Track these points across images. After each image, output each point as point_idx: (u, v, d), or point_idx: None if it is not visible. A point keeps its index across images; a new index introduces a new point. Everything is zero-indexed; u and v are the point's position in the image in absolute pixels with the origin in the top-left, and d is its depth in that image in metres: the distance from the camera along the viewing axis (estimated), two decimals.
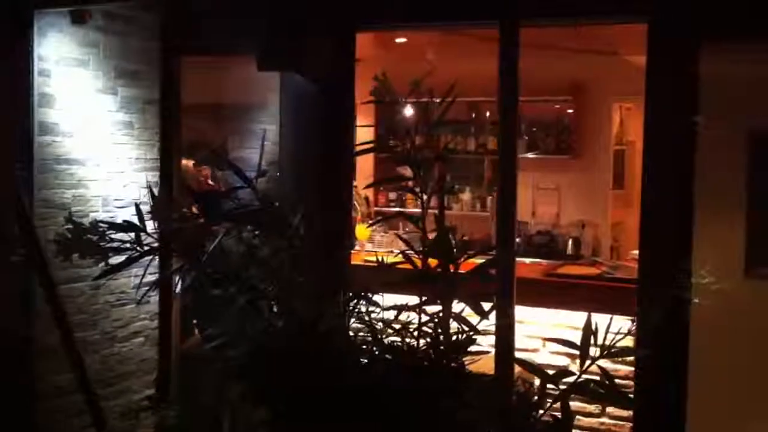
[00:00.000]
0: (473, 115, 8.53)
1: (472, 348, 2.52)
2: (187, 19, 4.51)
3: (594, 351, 2.40)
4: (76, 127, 4.10)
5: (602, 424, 5.02)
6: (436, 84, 2.50)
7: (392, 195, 8.91)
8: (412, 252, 2.62)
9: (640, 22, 3.69)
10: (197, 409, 3.05)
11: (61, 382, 3.95)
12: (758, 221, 4.03)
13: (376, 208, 8.92)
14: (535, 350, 5.07)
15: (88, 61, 4.15)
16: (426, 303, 2.58)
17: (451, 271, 2.63)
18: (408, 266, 2.53)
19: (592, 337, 2.43)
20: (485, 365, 3.32)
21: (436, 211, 2.93)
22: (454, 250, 2.74)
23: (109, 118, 4.30)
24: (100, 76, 4.23)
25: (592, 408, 5.02)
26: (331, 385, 2.35)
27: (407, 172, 8.08)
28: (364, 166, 8.91)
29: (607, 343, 2.45)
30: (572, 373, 2.40)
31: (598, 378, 2.38)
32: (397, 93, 2.72)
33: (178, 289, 3.94)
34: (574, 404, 4.77)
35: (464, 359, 2.51)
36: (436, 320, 2.58)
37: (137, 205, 2.57)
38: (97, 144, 4.21)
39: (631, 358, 3.98)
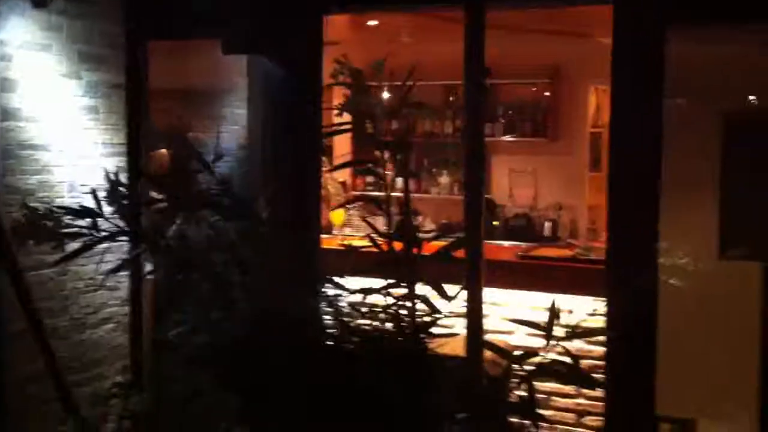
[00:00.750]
0: (451, 98, 8.51)
1: (438, 330, 2.53)
2: (153, 3, 4.47)
3: (562, 332, 2.42)
4: (39, 112, 4.05)
5: (578, 404, 5.04)
6: (412, 67, 2.49)
7: (369, 179, 8.87)
8: (377, 236, 2.63)
9: (605, 3, 3.68)
10: (163, 397, 3.03)
11: (30, 369, 3.91)
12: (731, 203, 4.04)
13: (354, 193, 8.88)
14: (510, 332, 5.07)
15: (51, 46, 4.09)
16: (391, 286, 2.58)
17: (414, 253, 2.63)
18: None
19: (560, 318, 2.46)
20: (458, 348, 3.32)
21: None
22: (417, 233, 2.74)
23: (73, 103, 4.24)
24: (63, 60, 4.17)
25: (569, 389, 5.05)
26: (294, 371, 2.35)
27: (386, 155, 7.92)
28: (342, 149, 8.88)
29: (575, 323, 2.48)
30: (539, 354, 2.41)
31: (568, 359, 2.38)
32: (366, 76, 2.72)
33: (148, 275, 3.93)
34: (551, 385, 4.80)
35: (431, 342, 2.52)
36: (400, 304, 2.59)
37: (93, 191, 2.54)
38: (62, 129, 4.16)
39: (603, 339, 4.00)
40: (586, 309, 4.53)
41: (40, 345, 3.74)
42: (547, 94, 8.10)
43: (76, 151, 4.22)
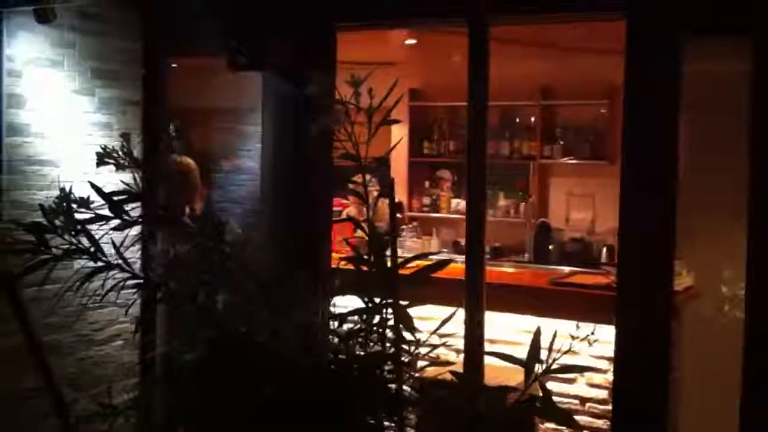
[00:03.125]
0: (517, 120, 8.35)
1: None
2: (171, 20, 4.48)
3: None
4: (48, 127, 4.08)
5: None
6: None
7: (426, 200, 8.77)
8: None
9: (616, 18, 3.50)
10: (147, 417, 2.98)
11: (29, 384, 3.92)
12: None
13: (410, 213, 8.80)
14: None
15: (62, 62, 4.13)
16: (369, 310, 2.48)
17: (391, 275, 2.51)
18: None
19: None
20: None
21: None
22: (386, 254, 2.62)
23: (85, 119, 4.27)
24: (75, 76, 4.21)
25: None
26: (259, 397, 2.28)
27: (446, 175, 7.92)
28: (399, 170, 8.83)
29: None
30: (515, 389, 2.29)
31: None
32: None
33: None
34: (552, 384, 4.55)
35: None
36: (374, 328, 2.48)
37: (41, 206, 2.50)
38: (72, 145, 4.19)
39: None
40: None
41: (37, 360, 3.73)
42: (603, 111, 7.83)
43: (86, 166, 4.24)
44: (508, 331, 5.15)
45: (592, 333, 2.59)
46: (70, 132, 4.20)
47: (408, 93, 8.62)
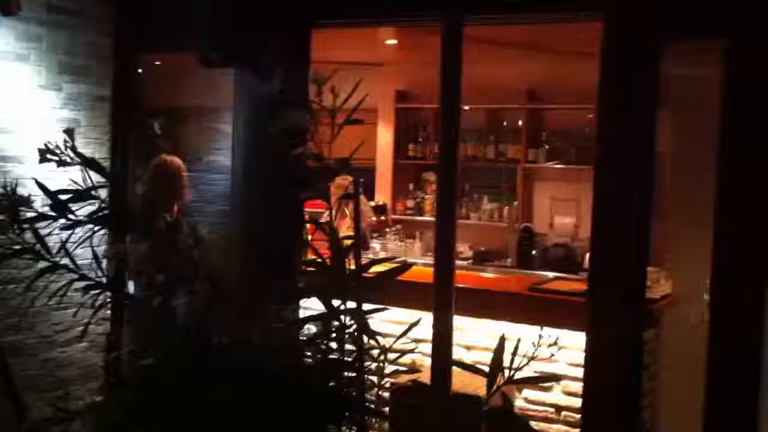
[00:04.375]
0: (505, 123, 8.27)
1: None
2: (143, 15, 4.39)
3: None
4: (12, 123, 3.98)
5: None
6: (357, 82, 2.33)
7: (410, 203, 8.69)
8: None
9: (593, 21, 3.42)
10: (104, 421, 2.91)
11: None
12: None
13: (394, 216, 8.71)
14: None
15: (28, 56, 4.03)
16: (330, 314, 2.41)
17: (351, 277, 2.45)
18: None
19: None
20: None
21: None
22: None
23: (52, 115, 4.17)
24: (42, 71, 4.11)
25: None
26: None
27: (431, 178, 7.85)
28: (385, 172, 8.75)
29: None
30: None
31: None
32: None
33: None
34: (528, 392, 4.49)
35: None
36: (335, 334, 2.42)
37: None
38: (37, 141, 4.07)
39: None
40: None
41: None
42: (590, 116, 7.74)
43: (52, 163, 4.14)
44: (486, 336, 5.08)
45: (557, 340, 2.53)
46: (36, 128, 4.10)
47: (395, 94, 8.55)
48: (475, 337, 5.11)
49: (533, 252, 7.69)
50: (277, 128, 2.68)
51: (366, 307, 2.28)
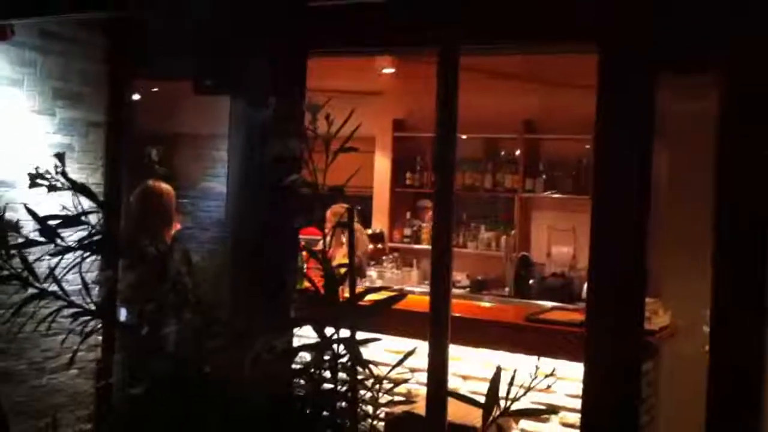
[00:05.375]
0: (503, 153, 8.27)
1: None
2: (138, 42, 4.38)
3: None
4: (5, 147, 3.95)
5: None
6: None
7: (407, 231, 8.66)
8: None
9: (589, 53, 3.40)
10: None
11: None
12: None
13: (391, 244, 8.68)
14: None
15: (22, 81, 4.01)
16: (323, 344, 2.37)
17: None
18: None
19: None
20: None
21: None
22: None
23: (45, 140, 4.15)
24: (35, 96, 4.09)
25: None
26: None
27: (428, 205, 7.80)
28: (382, 201, 8.73)
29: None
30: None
31: None
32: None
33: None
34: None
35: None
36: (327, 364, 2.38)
37: None
38: (30, 166, 4.05)
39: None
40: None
41: None
42: (587, 147, 7.74)
43: (43, 189, 4.11)
44: (482, 366, 5.03)
45: (554, 370, 2.49)
46: (29, 153, 4.07)
47: (392, 123, 8.55)
48: (470, 366, 5.05)
49: (530, 281, 7.66)
50: (272, 155, 2.65)
51: (360, 336, 2.24)
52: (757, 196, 3.18)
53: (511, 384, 2.23)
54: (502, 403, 2.25)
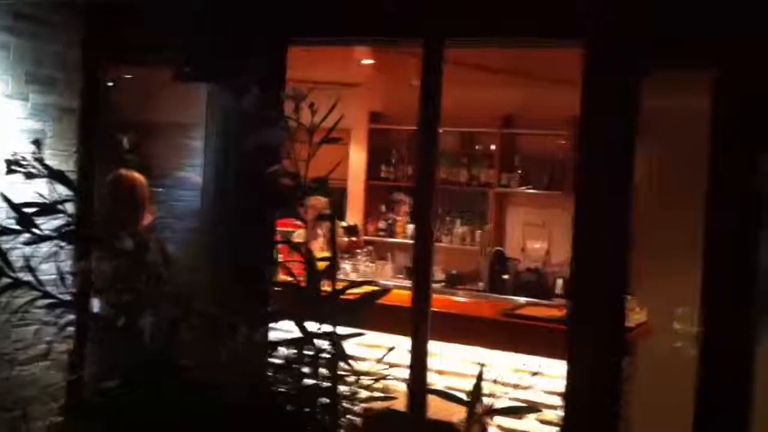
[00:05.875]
0: (477, 147, 8.24)
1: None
2: (114, 26, 4.29)
3: None
4: None
5: None
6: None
7: (382, 224, 8.61)
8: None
9: (574, 47, 3.37)
10: None
11: None
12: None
13: (365, 237, 8.62)
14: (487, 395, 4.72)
15: None
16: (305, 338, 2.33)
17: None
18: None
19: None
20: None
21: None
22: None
23: (17, 125, 4.04)
24: (8, 80, 3.99)
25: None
26: None
27: (403, 199, 7.74)
28: (356, 193, 8.68)
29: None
30: None
31: None
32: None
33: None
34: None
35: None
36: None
37: None
38: (1, 152, 3.95)
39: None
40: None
41: None
42: (562, 143, 7.75)
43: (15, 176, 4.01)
44: (457, 362, 5.00)
45: (539, 368, 2.46)
46: (1, 138, 3.97)
47: (369, 115, 8.49)
48: (446, 362, 5.02)
49: (505, 276, 7.65)
50: (251, 145, 2.60)
51: (342, 331, 2.20)
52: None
53: (479, 379, 2.21)
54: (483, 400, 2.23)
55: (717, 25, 3.11)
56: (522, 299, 6.87)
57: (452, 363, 5.01)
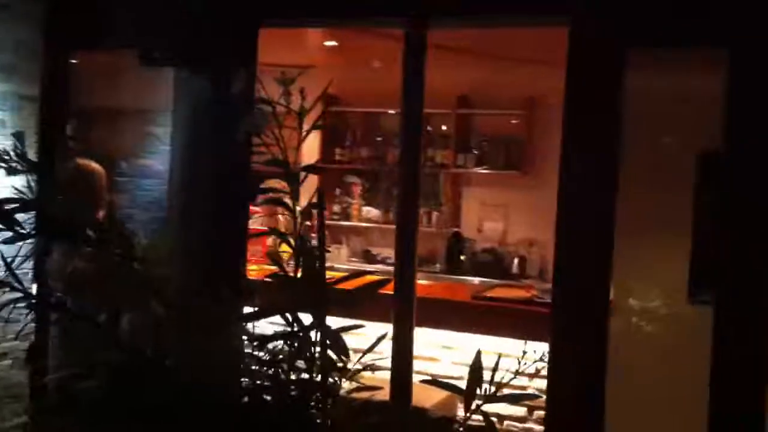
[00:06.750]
0: (429, 128, 8.19)
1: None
2: (76, 10, 4.14)
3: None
4: None
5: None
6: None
7: (336, 208, 8.53)
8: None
9: (558, 26, 3.35)
10: None
11: None
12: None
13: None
14: (460, 377, 4.71)
15: None
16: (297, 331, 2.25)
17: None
18: None
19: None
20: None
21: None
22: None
23: None
24: None
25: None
26: None
27: (357, 182, 7.61)
28: (310, 177, 8.56)
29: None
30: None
31: None
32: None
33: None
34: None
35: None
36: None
37: None
38: None
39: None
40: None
41: None
42: (514, 122, 7.77)
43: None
44: (427, 346, 4.99)
45: (524, 352, 2.44)
46: None
47: (323, 97, 8.37)
48: (415, 346, 5.00)
49: (462, 257, 7.67)
50: (235, 131, 2.51)
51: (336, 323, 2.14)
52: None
53: (495, 370, 2.17)
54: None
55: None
56: (476, 279, 6.92)
57: (421, 348, 4.99)
